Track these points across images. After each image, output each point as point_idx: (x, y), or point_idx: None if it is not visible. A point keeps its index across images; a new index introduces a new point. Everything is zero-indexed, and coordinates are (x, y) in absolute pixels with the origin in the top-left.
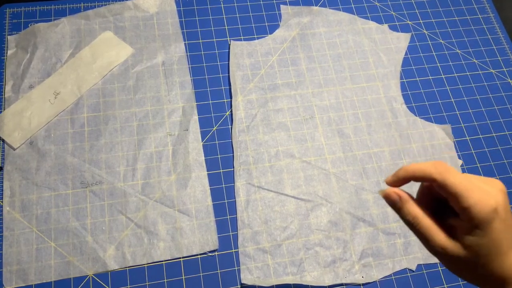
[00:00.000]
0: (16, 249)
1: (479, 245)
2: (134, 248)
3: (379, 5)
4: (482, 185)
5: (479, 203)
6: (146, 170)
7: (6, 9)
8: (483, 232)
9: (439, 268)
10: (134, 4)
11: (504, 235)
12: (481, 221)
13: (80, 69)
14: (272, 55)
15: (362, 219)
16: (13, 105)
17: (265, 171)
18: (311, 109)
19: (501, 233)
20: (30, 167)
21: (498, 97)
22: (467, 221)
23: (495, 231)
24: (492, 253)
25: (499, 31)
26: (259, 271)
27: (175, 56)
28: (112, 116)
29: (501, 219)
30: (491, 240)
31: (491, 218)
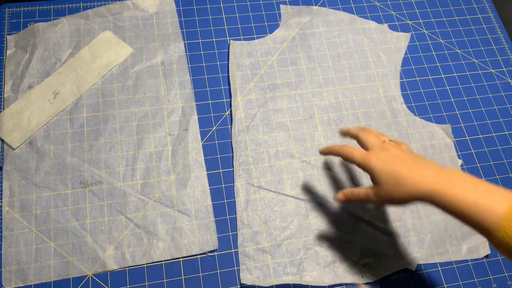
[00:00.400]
0: (15, 249)
1: (379, 181)
2: (134, 248)
3: (379, 5)
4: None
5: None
6: (146, 170)
7: (6, 9)
8: (377, 173)
9: (439, 268)
10: (133, 3)
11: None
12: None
13: (80, 69)
14: (272, 54)
15: (361, 219)
16: (13, 105)
17: (264, 171)
18: (310, 109)
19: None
20: (29, 167)
21: (498, 97)
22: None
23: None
24: (391, 179)
25: (499, 31)
26: (259, 271)
27: (174, 55)
28: (112, 116)
29: (388, 150)
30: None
31: (369, 166)
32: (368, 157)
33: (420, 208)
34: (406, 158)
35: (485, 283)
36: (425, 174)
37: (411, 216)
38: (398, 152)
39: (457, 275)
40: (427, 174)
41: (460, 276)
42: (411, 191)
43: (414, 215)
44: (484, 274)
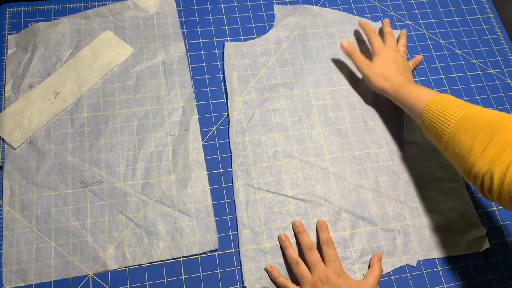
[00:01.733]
0: (16, 249)
1: (375, 61)
2: (134, 248)
3: (379, 5)
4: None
5: (377, 42)
6: (146, 170)
7: (6, 9)
8: (378, 55)
9: (439, 268)
10: (134, 3)
11: (388, 59)
12: (376, 50)
13: (80, 69)
14: (269, 55)
15: (361, 218)
16: (13, 105)
17: (263, 172)
18: (309, 108)
19: (388, 57)
20: (30, 167)
21: (497, 97)
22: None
23: (383, 55)
24: (382, 66)
25: (499, 31)
26: (260, 272)
27: (175, 56)
28: (112, 116)
29: (387, 52)
30: (381, 61)
31: (381, 49)
32: (381, 48)
33: (419, 204)
34: (399, 65)
35: (485, 283)
36: (398, 79)
37: (410, 213)
38: (399, 58)
39: (457, 275)
40: (399, 80)
41: (460, 276)
42: (385, 85)
43: (413, 212)
44: (484, 274)
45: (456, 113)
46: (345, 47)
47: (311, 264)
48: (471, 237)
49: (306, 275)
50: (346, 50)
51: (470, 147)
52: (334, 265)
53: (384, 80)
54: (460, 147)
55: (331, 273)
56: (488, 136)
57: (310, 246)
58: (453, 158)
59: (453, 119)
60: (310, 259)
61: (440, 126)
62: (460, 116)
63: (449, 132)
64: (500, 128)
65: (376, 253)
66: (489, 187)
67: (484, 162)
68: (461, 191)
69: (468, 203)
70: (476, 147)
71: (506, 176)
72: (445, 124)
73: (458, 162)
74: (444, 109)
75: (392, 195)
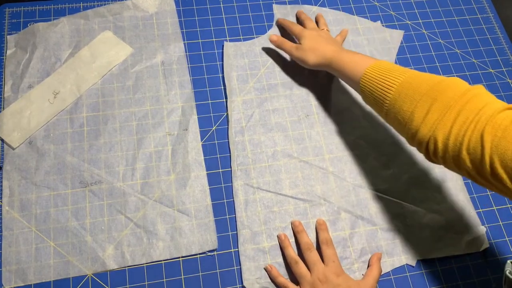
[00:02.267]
0: (15, 249)
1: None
2: (133, 248)
3: (378, 5)
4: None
5: (297, 27)
6: (145, 169)
7: (6, 9)
8: (302, 36)
9: (438, 268)
10: (133, 4)
11: (313, 36)
12: (299, 33)
13: (80, 69)
14: (267, 55)
15: (360, 217)
16: (13, 105)
17: (263, 172)
18: (308, 108)
19: (312, 35)
20: (29, 167)
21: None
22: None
23: (307, 35)
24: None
25: (499, 31)
26: (260, 272)
27: (174, 55)
28: (112, 116)
29: (309, 32)
30: (307, 39)
31: (302, 31)
32: (303, 30)
33: (418, 204)
34: (326, 39)
35: (484, 283)
36: (329, 48)
37: (410, 213)
38: (323, 34)
39: (457, 275)
40: (331, 49)
41: (460, 276)
42: (318, 57)
43: (413, 211)
44: (484, 274)
45: (394, 80)
46: (275, 39)
47: (310, 263)
48: (470, 237)
49: (305, 275)
50: (275, 43)
51: (411, 113)
52: (333, 265)
53: (315, 54)
54: (401, 114)
55: (330, 273)
56: (428, 101)
57: (309, 246)
58: (395, 125)
59: (393, 86)
60: (309, 258)
61: (379, 94)
62: (399, 83)
63: (389, 100)
64: (439, 92)
65: (376, 253)
66: (434, 151)
67: (427, 128)
68: (461, 192)
69: (468, 203)
70: (418, 113)
71: (449, 140)
72: (384, 91)
73: (400, 128)
74: (382, 76)
75: (391, 195)
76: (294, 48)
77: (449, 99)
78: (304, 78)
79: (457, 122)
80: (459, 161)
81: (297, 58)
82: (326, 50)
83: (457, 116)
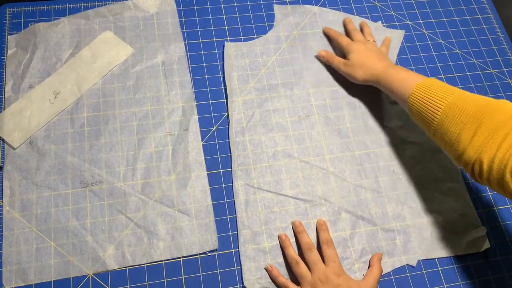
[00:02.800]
0: (15, 249)
1: (351, 56)
2: (134, 248)
3: (379, 5)
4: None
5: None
6: (146, 170)
7: (6, 9)
8: (350, 49)
9: (439, 268)
10: (134, 4)
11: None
12: (347, 46)
13: (80, 69)
14: (268, 55)
15: (361, 218)
16: (13, 105)
17: (263, 172)
18: (309, 108)
19: (360, 49)
20: (30, 167)
21: (498, 97)
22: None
23: (355, 49)
24: (358, 58)
25: (499, 31)
26: (260, 272)
27: (175, 56)
28: (112, 116)
29: (358, 44)
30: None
31: (349, 44)
32: (351, 44)
33: (419, 205)
34: (373, 52)
35: (485, 283)
36: (378, 65)
37: (410, 213)
38: (370, 46)
39: (457, 275)
40: (379, 65)
41: (460, 276)
42: (367, 74)
43: (413, 212)
44: (484, 274)
45: (442, 101)
46: (323, 55)
47: (310, 264)
48: (471, 237)
49: (306, 275)
50: (323, 58)
51: (458, 134)
52: (334, 265)
53: (364, 70)
54: (449, 135)
55: (331, 273)
56: (475, 123)
57: (309, 246)
58: (442, 144)
59: (440, 106)
60: (310, 259)
61: (427, 114)
62: (446, 104)
63: (437, 121)
64: (486, 115)
65: (376, 253)
66: (479, 173)
67: (473, 150)
68: (461, 191)
69: (468, 203)
70: (465, 135)
71: (494, 162)
72: (432, 112)
73: (447, 148)
74: (430, 96)
75: (392, 195)
76: (342, 64)
77: (496, 122)
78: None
79: (503, 145)
80: (503, 183)
81: (346, 73)
82: (375, 66)
83: (503, 140)
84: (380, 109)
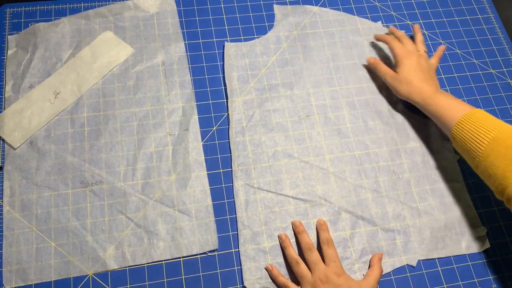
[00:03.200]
0: (16, 249)
1: (400, 69)
2: (134, 248)
3: (379, 5)
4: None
5: (399, 49)
6: (146, 170)
7: (7, 9)
8: (401, 62)
9: (439, 268)
10: (134, 4)
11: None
12: (399, 58)
13: (80, 69)
14: (268, 55)
15: (361, 218)
16: (13, 105)
17: (263, 172)
18: (309, 108)
19: (411, 65)
20: (30, 167)
21: (498, 97)
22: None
23: (407, 63)
24: (407, 73)
25: (499, 31)
26: (260, 272)
27: (175, 56)
28: (112, 116)
29: (411, 59)
30: (406, 68)
31: (403, 56)
32: (404, 57)
33: (419, 205)
34: (423, 70)
35: (485, 283)
36: (425, 89)
37: (410, 213)
38: (423, 61)
39: (457, 275)
40: (427, 90)
41: (460, 276)
42: (412, 94)
43: (413, 212)
44: (484, 274)
45: (487, 134)
46: (372, 62)
47: (311, 264)
48: (471, 238)
49: (306, 275)
50: (371, 65)
51: (503, 170)
52: (334, 265)
53: (410, 89)
54: (493, 169)
55: (331, 273)
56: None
57: (310, 246)
58: (484, 177)
59: (485, 140)
60: (310, 258)
61: (472, 146)
62: (491, 138)
63: (481, 153)
64: None
65: (376, 253)
66: None
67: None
68: (462, 192)
69: (468, 203)
70: (510, 171)
71: None
72: (477, 145)
73: (490, 182)
74: (475, 128)
75: (392, 195)
76: (389, 76)
77: None
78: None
79: None
80: None
81: (390, 85)
82: (423, 89)
83: None
84: (380, 109)
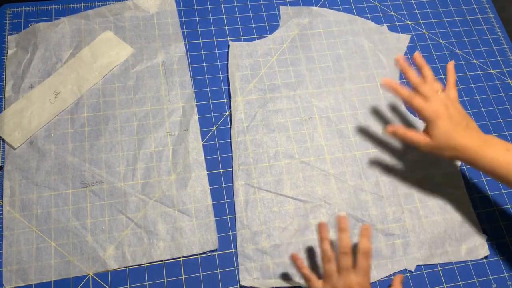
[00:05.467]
0: (16, 249)
1: (434, 134)
2: (134, 248)
3: (379, 5)
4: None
5: (426, 111)
6: (146, 170)
7: (7, 9)
8: (434, 126)
9: (439, 268)
10: (134, 4)
11: (448, 127)
12: (429, 120)
13: (80, 69)
14: (272, 55)
15: (361, 220)
16: (13, 105)
17: (264, 172)
18: (310, 109)
19: (446, 126)
20: (30, 167)
21: (498, 97)
22: (425, 122)
23: (441, 125)
24: (445, 136)
25: (499, 31)
26: (258, 272)
27: (175, 56)
28: (112, 116)
29: (443, 118)
30: (441, 130)
31: (434, 118)
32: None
33: (419, 209)
34: (459, 120)
35: (485, 283)
36: (470, 139)
37: (410, 217)
38: (454, 114)
39: (457, 275)
40: (471, 140)
41: (460, 276)
42: (458, 152)
43: (413, 216)
44: (484, 274)
45: None
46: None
47: (341, 267)
48: (471, 245)
49: (332, 275)
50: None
51: None
52: (363, 279)
53: (457, 154)
54: None
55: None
56: None
57: (346, 250)
58: None
59: None
60: (343, 262)
61: None
62: None
63: None
64: None
65: (399, 275)
66: None
67: None
68: (463, 198)
69: (469, 209)
70: None
71: None
72: None
73: None
74: None
75: (392, 199)
76: (424, 145)
77: None
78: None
79: None
80: None
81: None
82: (463, 142)
83: None
84: (381, 111)
